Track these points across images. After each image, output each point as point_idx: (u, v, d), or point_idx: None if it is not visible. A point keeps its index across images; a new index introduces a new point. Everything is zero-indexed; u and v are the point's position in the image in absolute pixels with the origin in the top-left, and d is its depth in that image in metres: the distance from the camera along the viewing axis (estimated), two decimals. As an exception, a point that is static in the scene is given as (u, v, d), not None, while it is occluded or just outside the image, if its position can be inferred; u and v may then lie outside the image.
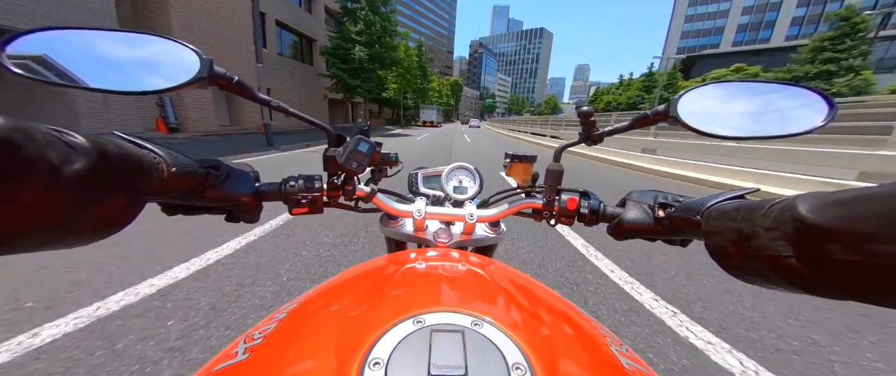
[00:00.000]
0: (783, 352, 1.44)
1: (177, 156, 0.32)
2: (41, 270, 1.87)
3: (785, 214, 0.22)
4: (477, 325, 0.24)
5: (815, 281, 0.20)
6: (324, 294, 0.35)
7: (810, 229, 0.20)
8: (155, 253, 2.18)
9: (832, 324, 1.65)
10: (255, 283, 1.85)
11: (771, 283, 0.24)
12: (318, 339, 0.26)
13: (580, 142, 0.47)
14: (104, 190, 0.22)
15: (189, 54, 0.32)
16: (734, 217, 0.27)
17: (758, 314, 1.72)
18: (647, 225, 0.40)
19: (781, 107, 0.36)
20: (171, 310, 1.57)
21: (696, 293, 1.91)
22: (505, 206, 0.53)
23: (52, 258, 1.98)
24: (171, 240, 2.41)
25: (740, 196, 0.31)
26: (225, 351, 0.28)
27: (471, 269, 0.39)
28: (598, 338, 0.29)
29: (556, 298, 0.37)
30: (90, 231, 0.23)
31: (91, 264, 1.97)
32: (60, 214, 0.20)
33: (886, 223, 0.16)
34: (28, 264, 1.90)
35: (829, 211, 0.19)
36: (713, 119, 0.37)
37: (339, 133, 0.46)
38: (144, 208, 0.27)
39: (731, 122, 0.37)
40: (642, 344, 1.46)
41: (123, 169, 0.24)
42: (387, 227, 0.56)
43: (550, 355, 0.24)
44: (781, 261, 0.22)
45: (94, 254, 2.06)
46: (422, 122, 44.65)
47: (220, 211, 0.42)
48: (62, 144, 0.19)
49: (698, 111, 0.37)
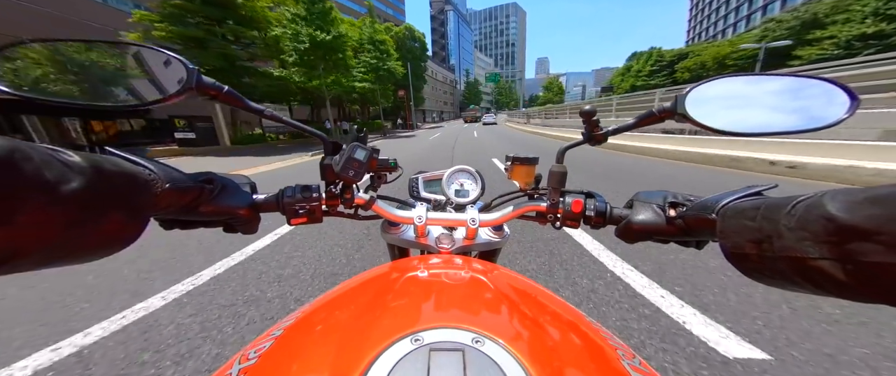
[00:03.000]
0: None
1: (170, 172, 0.32)
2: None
3: (812, 213, 0.20)
4: (478, 342, 0.23)
5: (849, 284, 0.19)
6: (322, 308, 0.34)
7: (843, 229, 0.18)
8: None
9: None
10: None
11: (796, 286, 0.23)
12: (313, 360, 0.25)
13: (583, 142, 0.46)
14: (102, 208, 0.22)
15: (174, 64, 0.31)
16: (753, 216, 0.25)
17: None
18: (658, 226, 0.39)
19: (798, 100, 0.34)
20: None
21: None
22: (508, 210, 0.51)
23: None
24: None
25: (758, 193, 0.30)
26: (219, 372, 0.27)
27: (473, 277, 0.38)
28: (609, 351, 0.28)
29: (563, 306, 0.35)
30: (92, 249, 0.23)
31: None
32: (59, 233, 0.20)
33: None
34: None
35: (862, 209, 0.18)
36: (724, 115, 0.35)
37: (336, 141, 0.45)
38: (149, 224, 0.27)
39: (743, 118, 0.35)
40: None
41: (120, 186, 0.24)
42: (388, 234, 0.55)
43: (556, 373, 0.22)
44: (809, 263, 0.20)
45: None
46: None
47: (217, 224, 0.41)
48: (59, 163, 0.19)
49: (708, 107, 0.35)
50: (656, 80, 46.40)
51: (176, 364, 1.34)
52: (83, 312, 1.74)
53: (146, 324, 1.61)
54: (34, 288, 1.98)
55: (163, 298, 1.85)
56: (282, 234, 2.79)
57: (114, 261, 2.22)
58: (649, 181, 4.57)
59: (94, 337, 1.53)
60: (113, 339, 1.51)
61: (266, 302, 1.77)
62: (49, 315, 1.73)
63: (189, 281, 2.05)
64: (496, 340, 0.24)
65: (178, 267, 2.26)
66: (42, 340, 1.51)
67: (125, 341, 1.49)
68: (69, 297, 1.89)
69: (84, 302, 1.84)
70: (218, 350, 1.41)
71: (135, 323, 1.63)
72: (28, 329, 1.61)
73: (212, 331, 1.53)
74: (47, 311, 1.76)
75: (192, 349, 1.42)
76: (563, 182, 0.48)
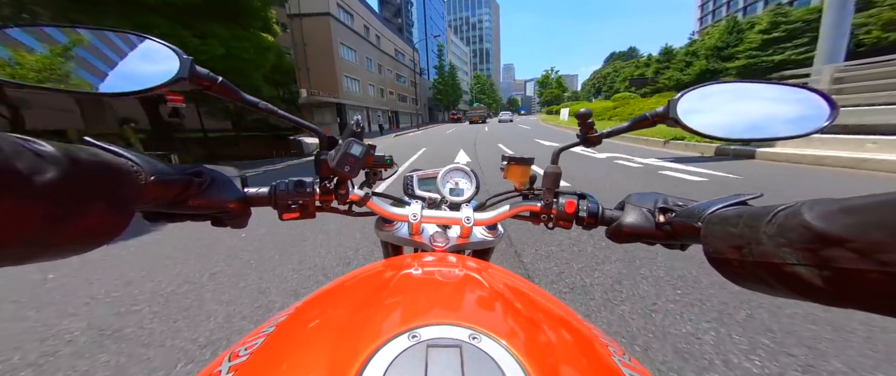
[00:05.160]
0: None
1: (155, 164, 0.31)
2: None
3: (790, 221, 0.21)
4: (475, 339, 0.23)
5: (823, 289, 0.20)
6: (316, 304, 0.34)
7: (818, 237, 0.19)
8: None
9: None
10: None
11: (773, 290, 0.24)
12: (308, 357, 0.24)
13: (578, 144, 0.47)
14: (81, 200, 0.21)
15: (166, 53, 0.30)
16: (736, 223, 0.26)
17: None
18: (646, 230, 0.40)
19: (783, 108, 0.36)
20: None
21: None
22: (502, 209, 0.52)
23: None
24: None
25: (743, 202, 0.31)
26: (208, 369, 0.27)
27: (468, 275, 0.38)
28: (600, 348, 0.29)
29: (556, 304, 0.36)
30: (72, 243, 0.22)
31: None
32: (35, 227, 0.19)
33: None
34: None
35: (837, 219, 0.19)
36: (714, 120, 0.36)
37: (332, 136, 0.45)
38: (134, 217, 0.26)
39: (732, 124, 0.36)
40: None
41: (99, 178, 0.23)
42: (382, 231, 0.55)
43: (551, 369, 0.23)
44: (786, 269, 0.21)
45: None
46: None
47: (206, 218, 0.40)
48: (30, 154, 0.18)
49: (699, 112, 0.36)
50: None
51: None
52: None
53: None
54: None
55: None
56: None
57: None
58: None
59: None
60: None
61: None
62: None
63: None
64: (493, 337, 0.24)
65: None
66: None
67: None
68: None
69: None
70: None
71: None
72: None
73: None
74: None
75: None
76: (558, 183, 0.48)
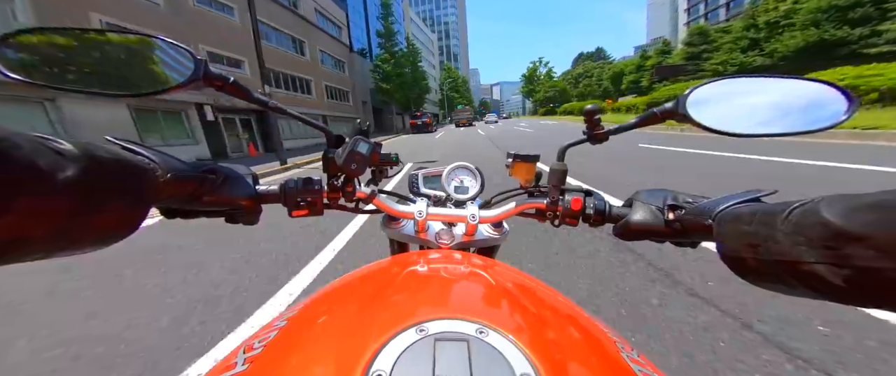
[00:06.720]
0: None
1: (172, 162, 0.32)
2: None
3: (808, 218, 0.20)
4: (482, 333, 0.23)
5: (842, 288, 0.19)
6: (325, 299, 0.35)
7: (838, 234, 0.19)
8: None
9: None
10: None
11: (791, 289, 0.23)
12: (319, 350, 0.25)
13: (584, 141, 0.46)
14: (101, 196, 0.22)
15: (181, 54, 0.31)
16: (750, 221, 0.25)
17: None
18: (655, 227, 0.39)
19: (798, 102, 0.35)
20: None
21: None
22: (507, 207, 0.52)
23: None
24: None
25: (756, 198, 0.30)
26: (224, 360, 0.27)
27: (474, 272, 0.38)
28: (608, 344, 0.28)
29: (563, 301, 0.35)
30: (94, 238, 0.23)
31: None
32: (59, 222, 0.20)
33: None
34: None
35: (857, 215, 0.18)
36: (725, 116, 0.35)
37: (339, 134, 0.45)
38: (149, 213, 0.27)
39: (744, 120, 0.36)
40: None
41: (118, 174, 0.24)
42: (389, 229, 0.55)
43: (559, 363, 0.23)
44: (803, 267, 0.21)
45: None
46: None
47: (220, 214, 0.41)
48: (50, 152, 0.19)
49: (709, 108, 0.36)
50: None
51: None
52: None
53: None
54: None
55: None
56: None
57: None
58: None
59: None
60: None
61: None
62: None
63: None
64: (500, 331, 0.24)
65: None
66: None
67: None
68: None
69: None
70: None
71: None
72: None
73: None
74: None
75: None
76: (564, 180, 0.48)
